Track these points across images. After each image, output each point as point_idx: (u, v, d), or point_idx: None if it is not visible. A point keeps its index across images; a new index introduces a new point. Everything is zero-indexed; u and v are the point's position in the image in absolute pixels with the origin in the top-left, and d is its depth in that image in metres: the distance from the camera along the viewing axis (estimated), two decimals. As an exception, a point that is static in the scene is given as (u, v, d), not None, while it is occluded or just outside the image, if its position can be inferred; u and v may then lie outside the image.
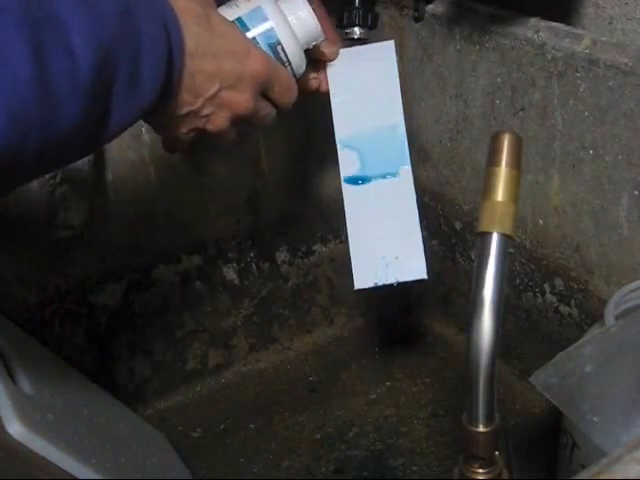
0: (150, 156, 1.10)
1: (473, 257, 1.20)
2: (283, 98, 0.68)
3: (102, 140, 0.55)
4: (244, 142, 1.03)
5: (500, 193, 0.58)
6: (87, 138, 0.53)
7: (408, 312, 1.33)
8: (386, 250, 0.81)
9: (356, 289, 0.82)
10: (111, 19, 0.50)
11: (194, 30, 0.59)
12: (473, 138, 1.14)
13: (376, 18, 0.88)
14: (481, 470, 0.60)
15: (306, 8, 0.71)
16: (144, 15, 0.53)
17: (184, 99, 0.61)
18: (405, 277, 0.81)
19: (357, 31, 0.87)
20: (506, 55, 1.04)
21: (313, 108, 0.86)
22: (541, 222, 1.07)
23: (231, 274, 1.23)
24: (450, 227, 1.24)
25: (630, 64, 0.90)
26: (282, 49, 0.69)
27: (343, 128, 0.83)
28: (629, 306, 0.86)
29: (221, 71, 0.61)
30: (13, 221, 1.00)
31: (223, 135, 0.67)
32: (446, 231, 1.24)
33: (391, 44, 0.84)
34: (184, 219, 1.16)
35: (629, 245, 0.97)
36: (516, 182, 0.59)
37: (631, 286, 0.87)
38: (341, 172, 0.83)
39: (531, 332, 1.15)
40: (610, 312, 0.82)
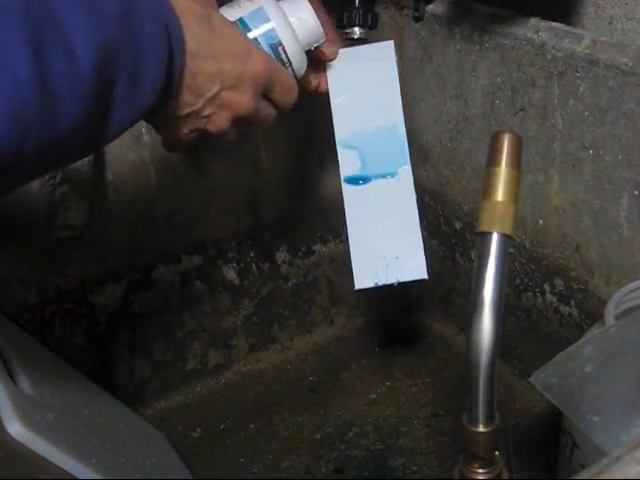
0: (150, 156, 1.10)
1: (473, 257, 1.20)
2: (284, 99, 0.68)
3: (102, 140, 0.54)
4: (244, 142, 1.03)
5: (500, 193, 0.58)
6: (87, 138, 0.52)
7: (408, 312, 1.33)
8: (386, 250, 0.81)
9: (356, 289, 0.82)
10: (112, 19, 0.50)
11: (195, 30, 0.59)
12: (473, 138, 1.14)
13: (376, 18, 0.88)
14: (481, 470, 0.60)
15: (308, 10, 0.71)
16: (145, 15, 0.53)
17: (185, 99, 0.61)
18: (405, 277, 0.81)
19: (357, 31, 0.87)
20: (506, 55, 1.04)
21: (313, 108, 0.86)
22: (541, 222, 1.07)
23: (231, 274, 1.23)
24: (450, 227, 1.24)
25: (630, 64, 0.90)
26: (283, 50, 0.69)
27: (343, 128, 0.83)
28: (629, 306, 0.86)
29: (222, 72, 0.61)
30: (13, 221, 1.00)
31: (224, 136, 0.67)
32: (446, 231, 1.24)
33: (391, 44, 0.84)
34: (184, 219, 1.16)
35: (629, 245, 0.97)
36: (516, 182, 0.59)
37: (631, 286, 0.87)
38: (341, 172, 0.83)
39: (531, 332, 1.15)
40: (610, 312, 0.82)
